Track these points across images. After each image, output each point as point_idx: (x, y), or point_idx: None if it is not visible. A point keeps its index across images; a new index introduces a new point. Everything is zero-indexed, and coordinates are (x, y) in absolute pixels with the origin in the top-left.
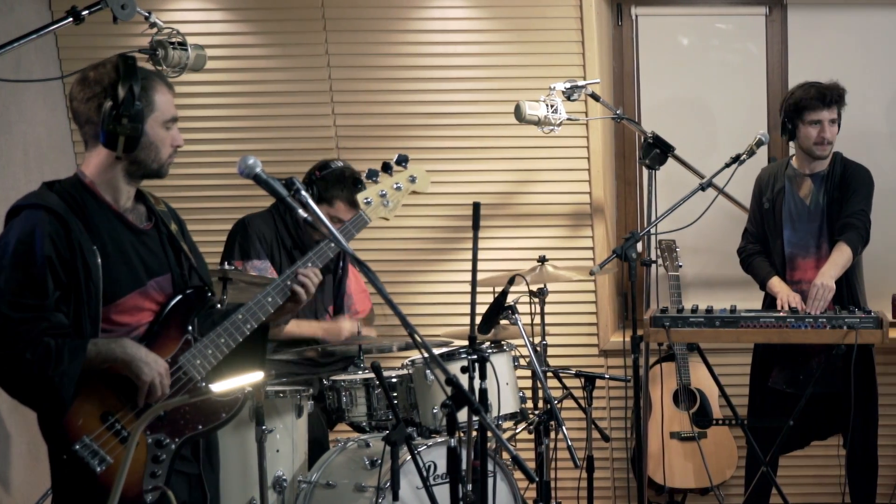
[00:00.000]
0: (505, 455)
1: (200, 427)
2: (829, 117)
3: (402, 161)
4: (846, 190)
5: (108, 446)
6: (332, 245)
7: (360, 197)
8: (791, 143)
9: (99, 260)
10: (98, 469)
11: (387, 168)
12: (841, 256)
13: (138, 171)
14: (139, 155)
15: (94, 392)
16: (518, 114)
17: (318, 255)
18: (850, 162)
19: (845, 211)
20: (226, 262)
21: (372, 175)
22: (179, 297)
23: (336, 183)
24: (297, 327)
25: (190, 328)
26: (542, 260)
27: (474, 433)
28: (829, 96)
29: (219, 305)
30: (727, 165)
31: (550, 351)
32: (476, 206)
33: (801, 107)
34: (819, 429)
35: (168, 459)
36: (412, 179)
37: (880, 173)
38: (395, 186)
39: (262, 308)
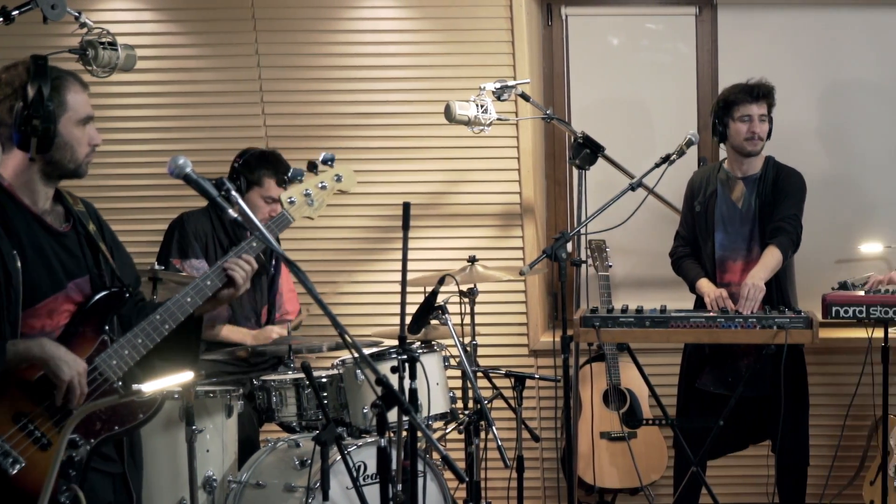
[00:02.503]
0: (435, 455)
1: (117, 428)
2: (759, 112)
3: (328, 160)
4: (778, 194)
5: (21, 447)
6: (254, 244)
7: (284, 196)
8: (722, 146)
9: (19, 264)
10: (10, 471)
11: (312, 167)
12: (771, 259)
13: (55, 171)
14: (54, 155)
15: (5, 393)
16: (448, 114)
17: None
18: (782, 166)
19: (777, 215)
20: (164, 261)
21: (297, 174)
22: (96, 297)
23: (259, 163)
24: (229, 332)
25: (107, 328)
26: (472, 260)
27: (404, 433)
28: (757, 91)
29: None
30: (657, 165)
31: (480, 351)
32: (406, 206)
33: (729, 102)
34: (753, 432)
35: (83, 460)
36: (338, 178)
37: (810, 174)
38: (320, 185)
39: (181, 308)
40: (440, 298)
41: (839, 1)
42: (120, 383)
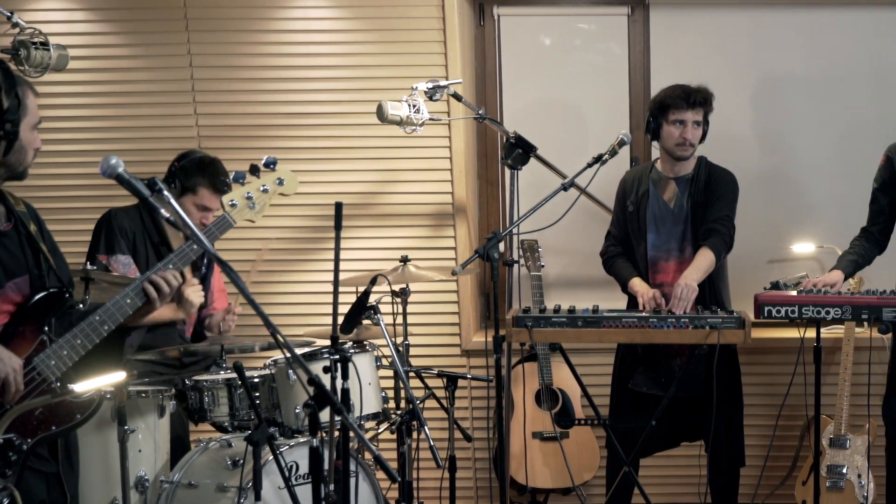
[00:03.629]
0: (367, 455)
1: (54, 428)
2: (693, 118)
3: (270, 164)
4: (711, 194)
5: None
6: (195, 246)
7: (226, 199)
8: (655, 145)
9: None
10: None
11: (254, 170)
12: (704, 261)
13: (6, 174)
14: (10, 158)
15: None
16: (380, 114)
17: (180, 257)
18: (714, 166)
19: (710, 216)
20: (91, 257)
21: (238, 177)
22: (36, 298)
23: (196, 170)
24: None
25: (46, 329)
26: (405, 260)
27: (336, 433)
28: (694, 97)
29: (81, 306)
30: (589, 165)
31: (413, 351)
32: (338, 206)
33: (665, 105)
34: (685, 431)
35: (19, 459)
36: (280, 182)
37: (743, 174)
38: (261, 189)
39: (121, 309)
40: (372, 298)
41: (770, 0)
42: (58, 384)
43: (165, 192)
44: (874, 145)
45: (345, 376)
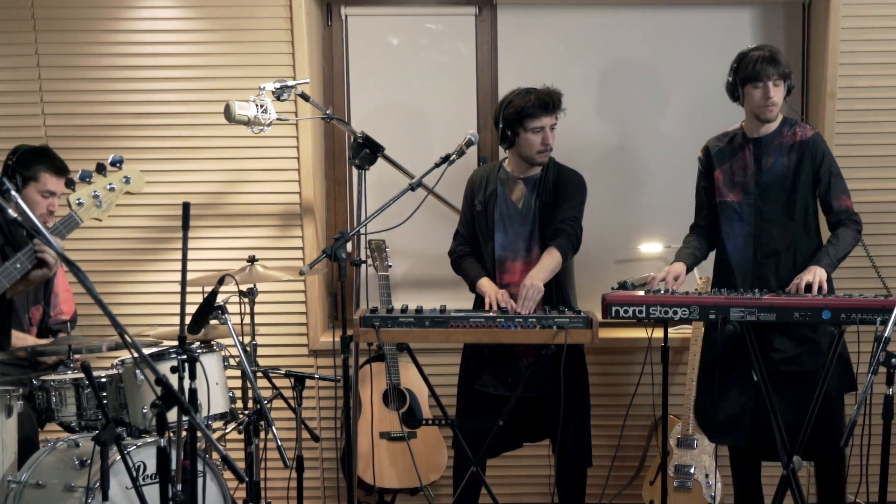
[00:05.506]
0: (215, 455)
1: None
2: (551, 123)
3: (117, 162)
4: (559, 195)
5: None
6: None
7: (73, 198)
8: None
9: None
10: None
11: (101, 169)
12: (551, 261)
13: None
14: None
15: None
16: (228, 114)
17: (27, 256)
18: (562, 167)
19: (557, 216)
20: None
21: (85, 176)
22: None
23: (33, 158)
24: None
25: None
26: (252, 260)
27: (184, 433)
28: (552, 103)
29: None
30: (437, 165)
31: (260, 351)
32: (186, 206)
33: (523, 115)
34: (531, 431)
35: None
36: (126, 180)
37: (589, 174)
38: (108, 187)
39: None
40: (220, 298)
41: (618, 1)
42: None
43: (13, 192)
44: None
45: (192, 376)
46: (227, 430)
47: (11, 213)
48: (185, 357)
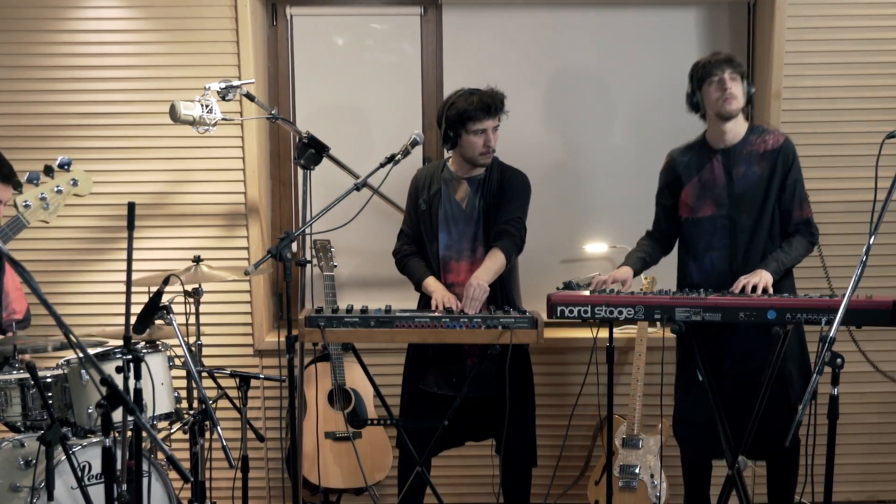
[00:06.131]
0: (160, 455)
1: None
2: (493, 125)
3: (65, 164)
4: (503, 195)
5: None
6: None
7: (19, 200)
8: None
9: None
10: None
11: (48, 171)
12: (495, 262)
13: None
14: None
15: None
16: (173, 114)
17: None
18: (507, 167)
19: (501, 217)
20: None
21: (32, 178)
22: None
23: None
24: None
25: None
26: (197, 260)
27: (129, 433)
28: (494, 106)
29: None
30: (382, 165)
31: (206, 351)
32: (131, 206)
33: (465, 117)
34: (475, 431)
35: None
36: (74, 182)
37: (534, 174)
38: (55, 189)
39: None
40: (165, 298)
41: (562, 1)
42: None
43: None
44: (665, 146)
45: (137, 376)
46: (172, 430)
47: None
48: (130, 357)
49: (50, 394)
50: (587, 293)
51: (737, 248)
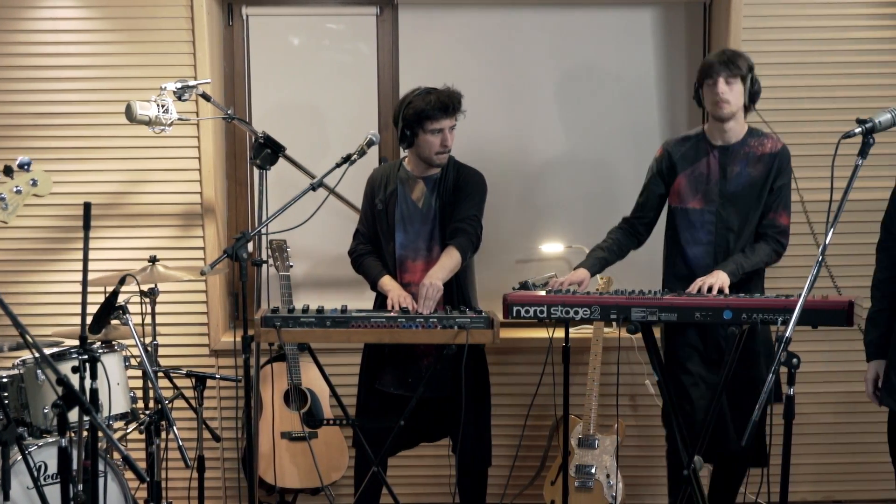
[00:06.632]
0: (116, 455)
1: None
2: (450, 125)
3: (24, 164)
4: (459, 194)
5: None
6: None
7: None
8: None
9: None
10: None
11: (8, 171)
12: (450, 261)
13: None
14: None
15: None
16: (129, 114)
17: None
18: (463, 166)
19: (457, 216)
20: None
21: None
22: None
23: None
24: None
25: None
26: (153, 260)
27: (85, 433)
28: (451, 106)
29: None
30: (338, 165)
31: (162, 351)
32: (87, 206)
33: (423, 116)
34: (430, 431)
35: None
36: (33, 183)
37: (490, 173)
38: (14, 190)
39: None
40: (121, 298)
41: (518, 1)
42: None
43: None
44: (622, 144)
45: (93, 376)
46: (128, 430)
47: None
48: (86, 357)
49: (6, 394)
50: (543, 293)
51: (722, 245)
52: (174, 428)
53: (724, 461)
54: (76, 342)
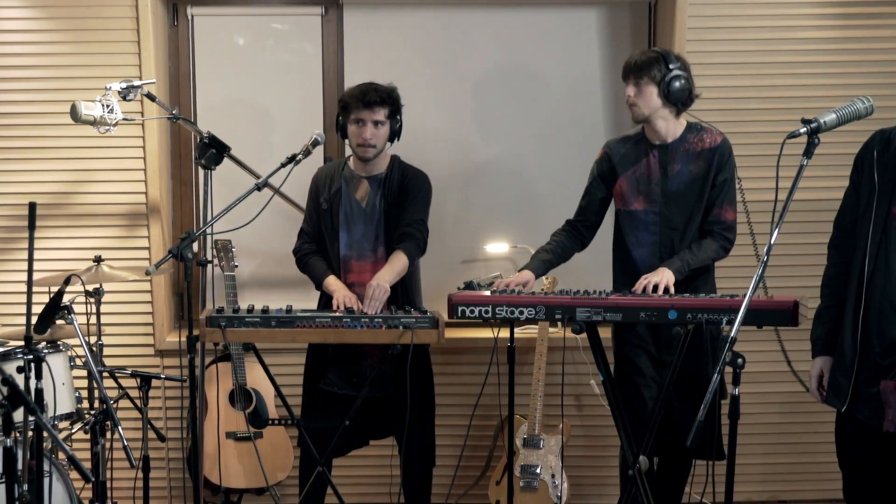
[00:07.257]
0: (61, 455)
1: None
2: (372, 118)
3: None
4: (404, 195)
5: None
6: None
7: None
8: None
9: None
10: None
11: None
12: (398, 263)
13: None
14: None
15: None
16: (74, 114)
17: None
18: (408, 167)
19: (404, 219)
20: None
21: None
22: None
23: None
24: None
25: None
26: (98, 260)
27: (30, 433)
28: (370, 97)
29: None
30: (283, 165)
31: (107, 351)
32: (32, 206)
33: (345, 105)
34: (377, 430)
35: None
36: None
37: (435, 173)
38: None
39: None
40: (66, 298)
41: (463, 1)
42: None
43: None
44: (568, 145)
45: (38, 376)
46: (73, 430)
47: None
48: (31, 357)
49: None
50: (488, 293)
51: (667, 244)
52: (119, 428)
53: (670, 454)
54: (21, 342)
